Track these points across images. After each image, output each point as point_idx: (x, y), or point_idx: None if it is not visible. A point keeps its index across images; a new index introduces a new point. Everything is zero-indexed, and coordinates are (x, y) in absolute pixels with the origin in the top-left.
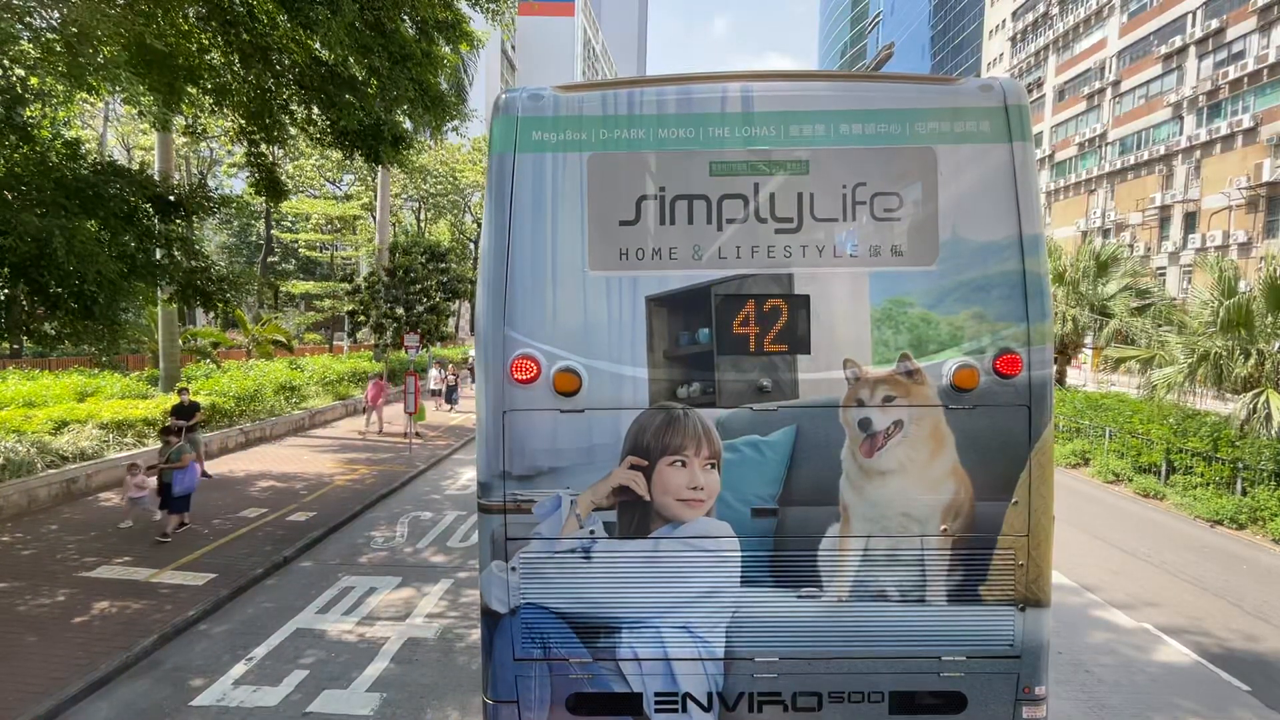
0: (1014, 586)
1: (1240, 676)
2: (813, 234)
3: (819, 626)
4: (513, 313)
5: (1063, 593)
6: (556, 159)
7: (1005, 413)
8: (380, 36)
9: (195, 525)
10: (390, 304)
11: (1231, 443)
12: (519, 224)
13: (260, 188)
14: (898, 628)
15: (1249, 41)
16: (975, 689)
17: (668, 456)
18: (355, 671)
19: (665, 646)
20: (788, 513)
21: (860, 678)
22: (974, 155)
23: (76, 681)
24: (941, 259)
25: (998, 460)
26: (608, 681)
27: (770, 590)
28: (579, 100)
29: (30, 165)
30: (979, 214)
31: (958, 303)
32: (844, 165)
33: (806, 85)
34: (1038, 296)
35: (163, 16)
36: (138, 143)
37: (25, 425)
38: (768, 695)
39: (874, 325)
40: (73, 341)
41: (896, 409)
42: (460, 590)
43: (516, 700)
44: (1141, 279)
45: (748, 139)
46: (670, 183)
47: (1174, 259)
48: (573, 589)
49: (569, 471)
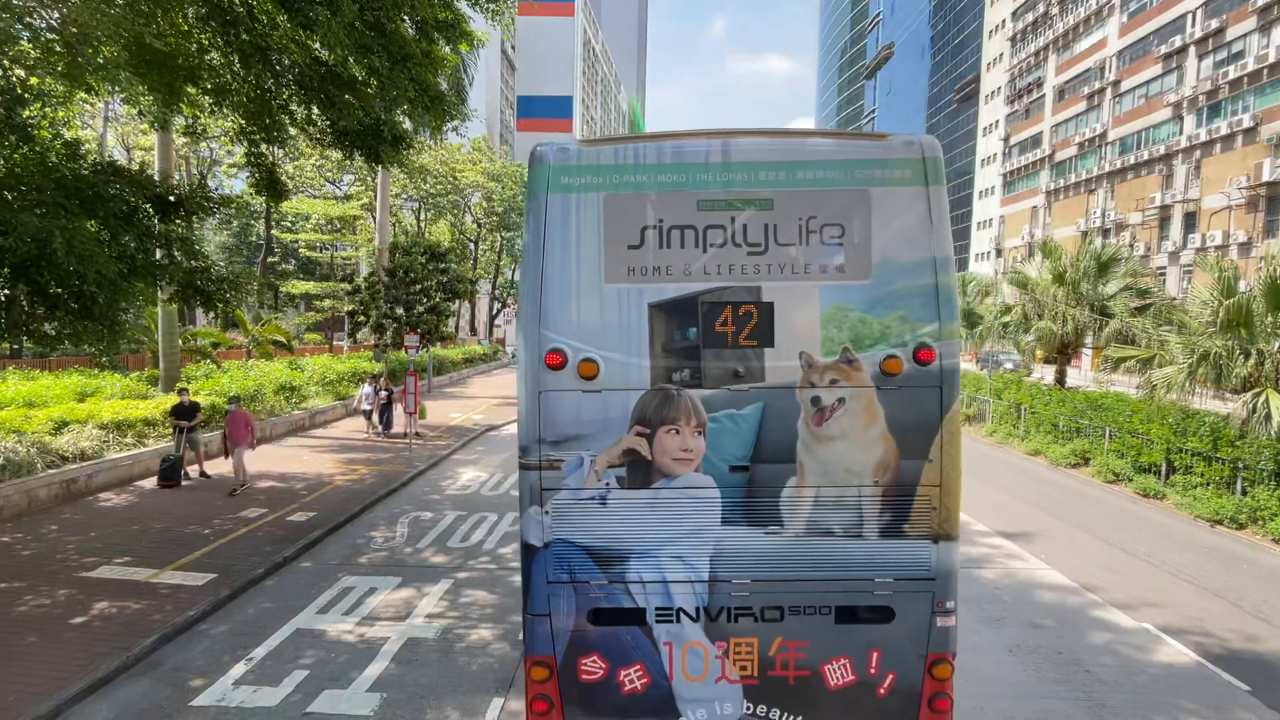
0: (930, 525)
1: (1240, 676)
2: (776, 256)
3: (781, 556)
4: (547, 316)
5: (1063, 593)
6: (580, 198)
7: (922, 392)
8: (380, 36)
9: (196, 525)
10: (390, 304)
11: (1231, 443)
12: (551, 248)
13: (260, 188)
14: (841, 557)
15: (1249, 41)
16: (900, 604)
17: (665, 426)
18: (355, 671)
19: (663, 571)
20: (757, 469)
21: (813, 595)
22: (899, 196)
23: (76, 682)
24: (874, 275)
25: (917, 428)
26: (619, 599)
27: (743, 528)
28: (596, 152)
29: (30, 165)
30: (902, 241)
31: (886, 309)
32: (800, 203)
33: (772, 141)
34: (948, 303)
35: (162, 16)
36: (137, 143)
37: (25, 425)
38: (741, 609)
39: (822, 325)
40: (73, 342)
41: (839, 389)
42: (460, 590)
43: (549, 614)
44: (1142, 279)
45: (726, 183)
46: (667, 216)
47: (1174, 259)
48: (592, 528)
49: (589, 438)
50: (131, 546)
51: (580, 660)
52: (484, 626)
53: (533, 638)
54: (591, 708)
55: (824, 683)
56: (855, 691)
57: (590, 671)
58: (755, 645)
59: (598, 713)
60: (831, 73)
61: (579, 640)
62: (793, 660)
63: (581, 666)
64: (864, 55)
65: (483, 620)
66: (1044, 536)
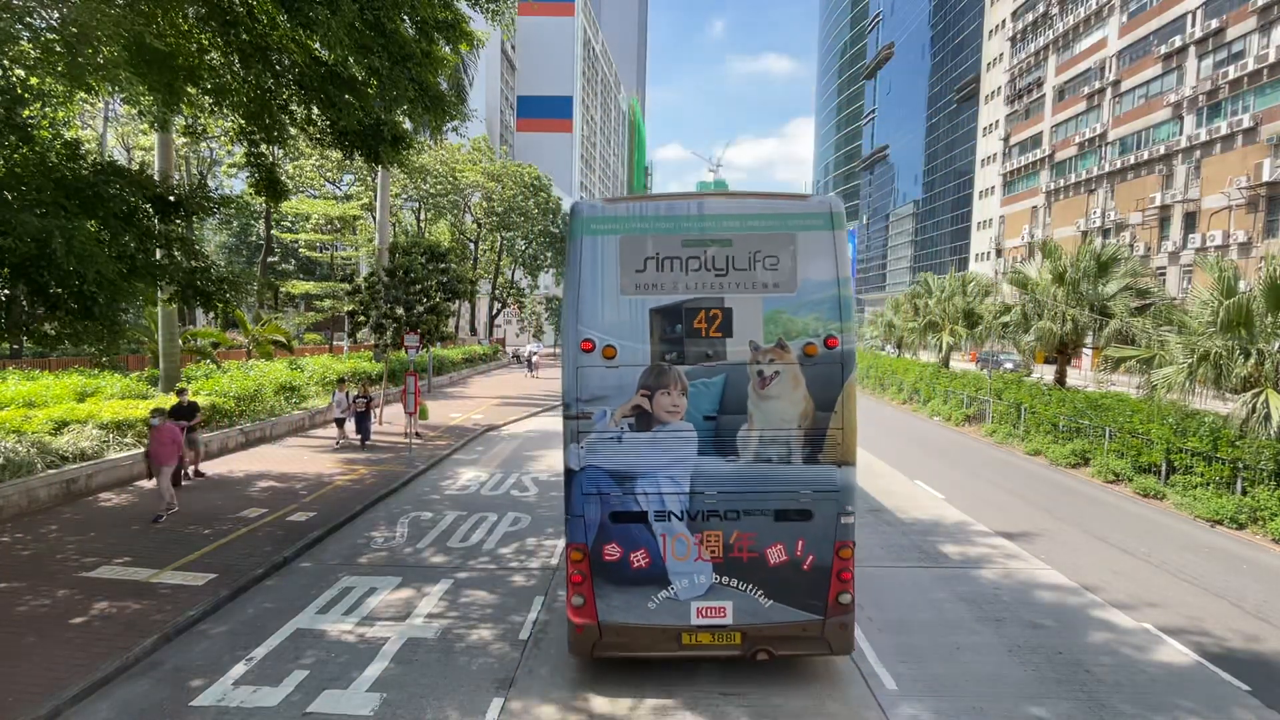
0: (836, 455)
1: (1241, 676)
2: (734, 277)
3: (738, 477)
4: (581, 316)
5: (1063, 593)
6: (604, 238)
7: (830, 367)
8: (380, 36)
9: (196, 525)
10: (390, 304)
11: (1231, 442)
12: (584, 272)
13: (260, 188)
14: (778, 477)
15: (1249, 41)
16: (817, 508)
17: (660, 389)
18: (355, 672)
19: (659, 487)
20: (721, 419)
21: (759, 502)
22: (814, 238)
23: (77, 682)
24: (798, 290)
25: (826, 391)
26: (629, 505)
27: (713, 458)
28: (615, 207)
29: (30, 165)
30: (816, 267)
31: (806, 312)
32: (750, 242)
33: (731, 200)
34: (846, 308)
35: (162, 16)
36: (137, 143)
37: (25, 425)
38: (711, 512)
39: (764, 323)
40: (73, 342)
41: (776, 365)
42: (460, 590)
43: (583, 515)
44: (1141, 279)
45: (701, 229)
46: (661, 250)
47: (1174, 259)
48: (612, 457)
49: (609, 398)
50: (131, 546)
51: (604, 546)
52: (484, 626)
53: (572, 531)
54: (610, 579)
55: (766, 561)
56: (788, 567)
57: (610, 554)
58: (720, 536)
59: (614, 582)
60: (831, 73)
61: (603, 533)
62: (745, 546)
63: (604, 551)
64: (864, 55)
65: (483, 620)
66: (1044, 536)
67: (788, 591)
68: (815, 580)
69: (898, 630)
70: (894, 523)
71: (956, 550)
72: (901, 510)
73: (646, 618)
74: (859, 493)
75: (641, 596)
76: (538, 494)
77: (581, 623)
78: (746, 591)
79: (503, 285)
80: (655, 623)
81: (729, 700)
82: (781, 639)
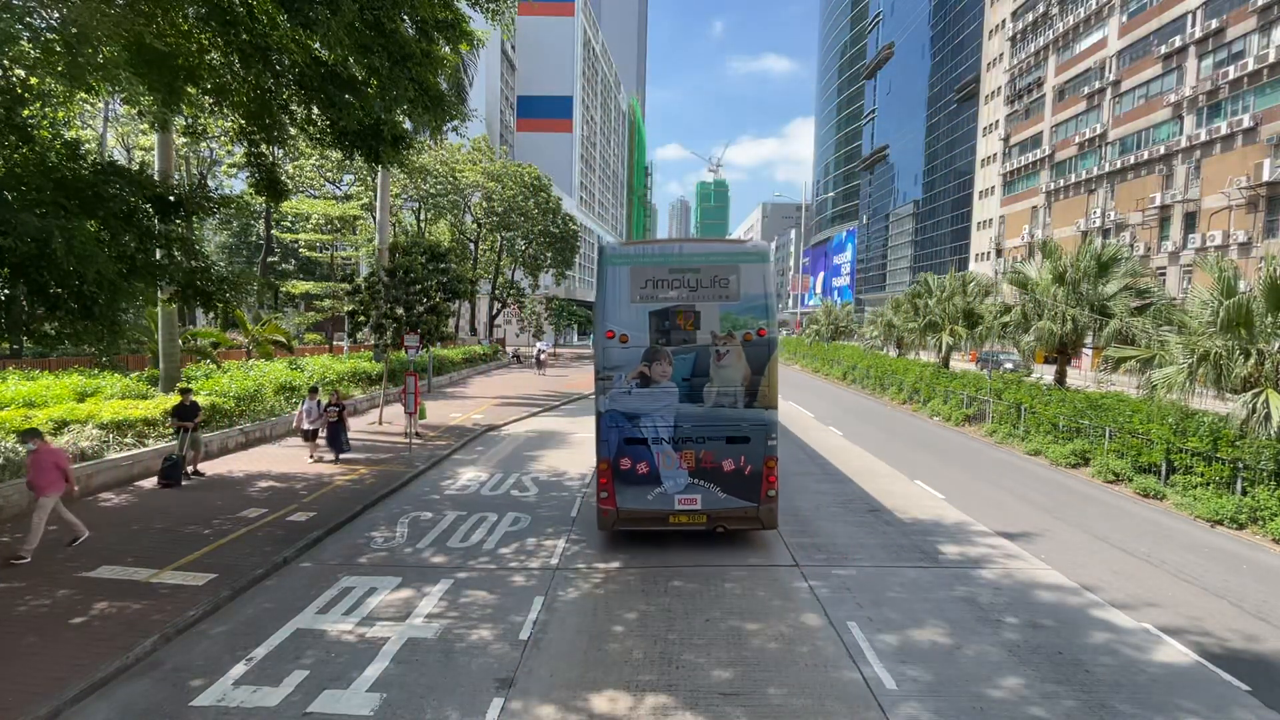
0: (764, 403)
1: (1241, 677)
2: (701, 292)
3: (704, 416)
4: (606, 317)
5: (1063, 593)
6: (620, 268)
7: (761, 348)
8: (380, 36)
9: (196, 525)
10: (390, 304)
11: (1231, 443)
12: (609, 288)
13: (260, 188)
14: (729, 416)
15: (1249, 41)
16: (752, 435)
17: (655, 362)
18: (355, 672)
19: (654, 422)
20: (693, 380)
21: (717, 431)
22: (752, 267)
23: (76, 682)
24: (740, 301)
25: (758, 362)
26: (636, 433)
27: (688, 404)
28: (627, 247)
29: (30, 165)
30: (752, 286)
31: (745, 314)
32: (711, 270)
33: (701, 244)
34: (772, 312)
35: (162, 16)
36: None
37: (25, 426)
38: (687, 438)
39: (720, 320)
40: (73, 342)
41: (727, 346)
42: (460, 590)
43: (606, 440)
44: (1142, 279)
45: (680, 263)
46: (655, 275)
47: (1174, 259)
48: (625, 403)
49: (623, 367)
50: (131, 546)
51: (620, 460)
52: (484, 627)
53: (600, 451)
54: (624, 481)
55: (722, 469)
56: (735, 473)
57: (624, 465)
58: (694, 454)
59: (626, 483)
60: (831, 73)
61: (619, 451)
62: (709, 460)
63: (620, 463)
64: (864, 55)
65: (483, 620)
66: (1044, 536)
67: (735, 488)
68: (752, 481)
69: (898, 630)
70: (894, 523)
71: (956, 550)
72: (901, 510)
73: (646, 504)
74: (859, 494)
75: (643, 491)
76: (538, 494)
77: (606, 509)
78: (710, 488)
79: (503, 285)
80: (652, 508)
81: (729, 700)
82: (732, 518)
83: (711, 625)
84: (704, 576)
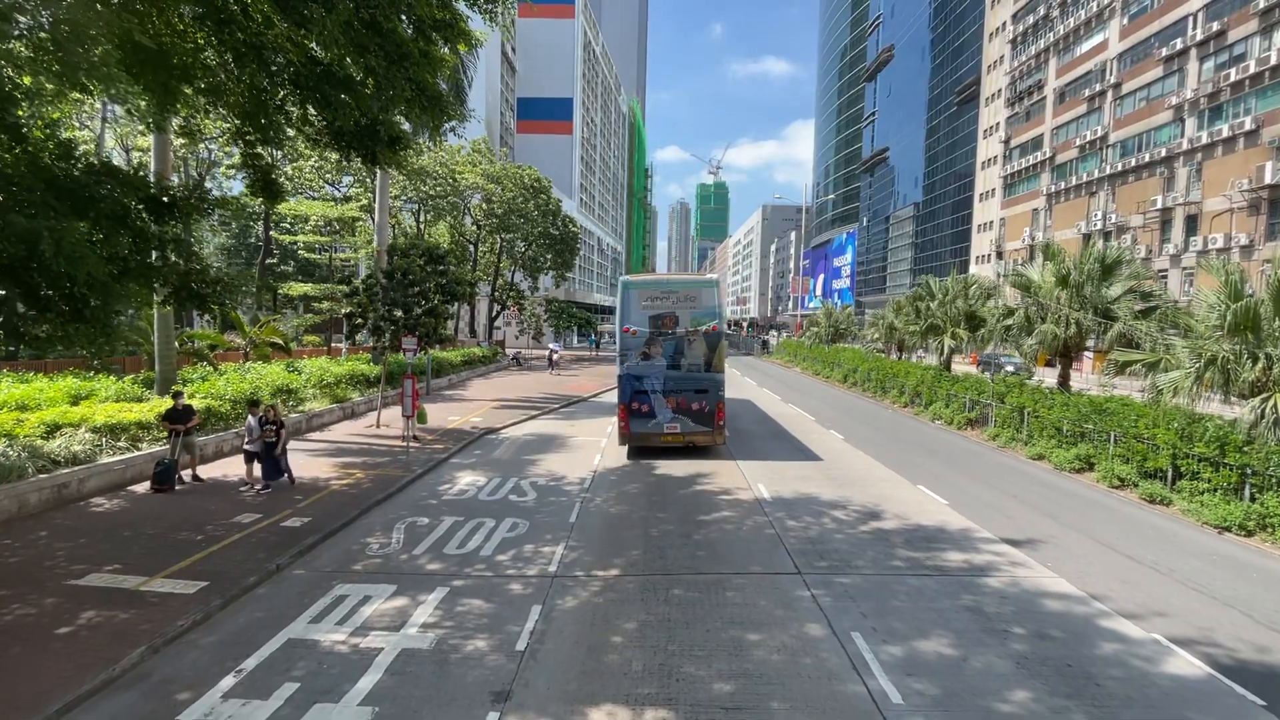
0: (717, 368)
1: (1255, 690)
2: (679, 304)
3: (681, 377)
4: (625, 318)
5: (1070, 602)
6: (632, 290)
7: (715, 337)
8: (376, 35)
9: (188, 531)
10: (388, 306)
11: (1239, 448)
12: (626, 304)
13: (256, 189)
14: (695, 377)
15: (1250, 44)
16: (709, 389)
17: (653, 345)
18: (347, 684)
19: (652, 381)
20: (675, 357)
21: (689, 386)
22: (708, 291)
23: (62, 695)
24: (701, 309)
25: (713, 345)
26: (641, 387)
27: (672, 370)
28: (635, 278)
29: (20, 165)
30: (709, 301)
31: (704, 317)
32: (685, 291)
33: (679, 277)
34: (720, 316)
35: (157, 16)
36: (136, 144)
37: (17, 429)
38: (671, 390)
39: (691, 321)
40: (65, 344)
41: (694, 336)
42: (456, 599)
43: (625, 390)
44: (1146, 282)
45: (668, 288)
46: (652, 294)
47: (1175, 261)
48: (634, 369)
49: (634, 348)
50: (122, 553)
51: (631, 403)
52: (480, 637)
53: (620, 397)
54: (633, 416)
55: (692, 408)
56: (701, 411)
57: (634, 406)
58: (675, 399)
59: (634, 417)
60: (831, 75)
61: (629, 398)
62: (685, 403)
63: (632, 405)
64: (864, 58)
65: (479, 630)
66: (1049, 543)
67: (700, 419)
68: (710, 415)
69: (902, 642)
70: (897, 530)
71: (961, 558)
72: (904, 517)
73: (647, 429)
74: (861, 500)
75: (645, 422)
76: (536, 499)
77: (625, 432)
78: (685, 419)
79: (502, 287)
80: (650, 430)
81: (731, 715)
82: (699, 437)
83: (712, 636)
84: (704, 585)
